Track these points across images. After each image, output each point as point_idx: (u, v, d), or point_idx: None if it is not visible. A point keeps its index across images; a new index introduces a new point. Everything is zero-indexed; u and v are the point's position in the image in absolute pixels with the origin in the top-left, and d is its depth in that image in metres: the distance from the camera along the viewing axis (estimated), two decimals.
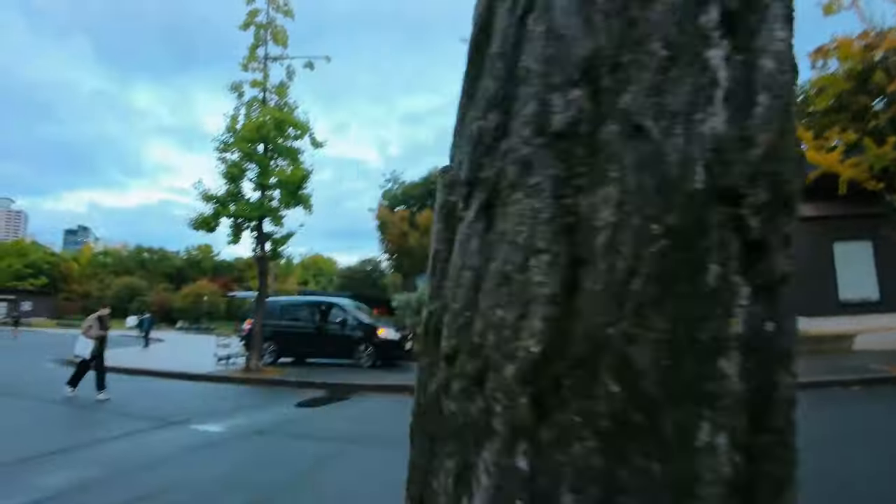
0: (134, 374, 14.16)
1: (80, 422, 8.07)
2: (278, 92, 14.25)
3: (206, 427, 7.39)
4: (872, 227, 17.82)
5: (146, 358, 18.30)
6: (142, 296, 68.01)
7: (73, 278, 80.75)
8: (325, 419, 8.28)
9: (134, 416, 8.15)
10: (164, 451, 6.05)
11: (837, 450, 5.50)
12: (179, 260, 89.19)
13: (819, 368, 11.63)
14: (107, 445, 6.32)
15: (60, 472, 5.18)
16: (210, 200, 13.93)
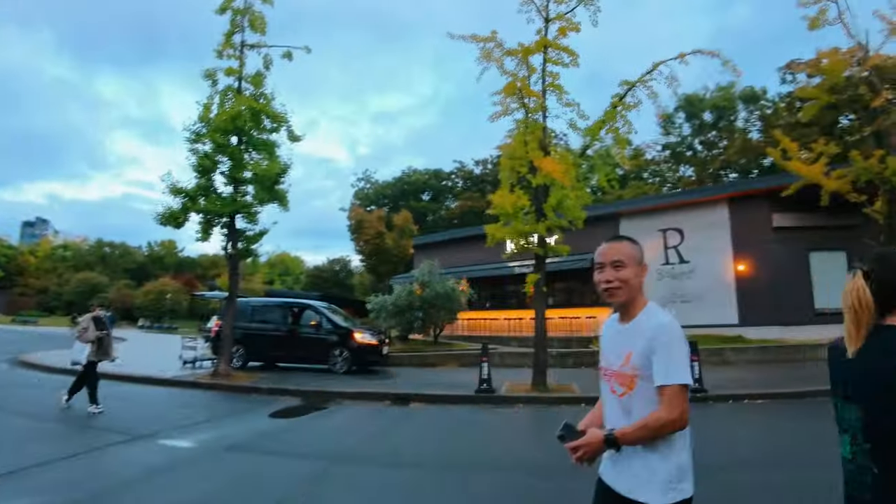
0: None
1: (31, 436, 7.03)
2: (254, 82, 13.50)
3: (174, 442, 6.70)
4: (846, 238, 18.02)
5: None
6: (102, 292, 65.59)
7: (30, 272, 77.28)
8: (302, 432, 7.60)
9: (94, 429, 7.40)
10: (127, 473, 5.35)
11: None
12: (142, 255, 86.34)
13: (800, 378, 11.61)
14: (59, 466, 5.49)
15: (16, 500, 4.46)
16: (179, 194, 13.10)
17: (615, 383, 2.03)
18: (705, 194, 20.45)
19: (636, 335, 1.99)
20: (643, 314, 2.04)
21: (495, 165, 55.44)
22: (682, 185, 47.27)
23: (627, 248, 2.06)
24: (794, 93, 40.50)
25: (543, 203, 11.03)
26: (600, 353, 2.18)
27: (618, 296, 2.02)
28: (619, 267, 2.01)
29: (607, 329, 2.20)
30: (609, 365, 2.09)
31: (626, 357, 1.98)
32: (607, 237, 2.14)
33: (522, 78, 11.12)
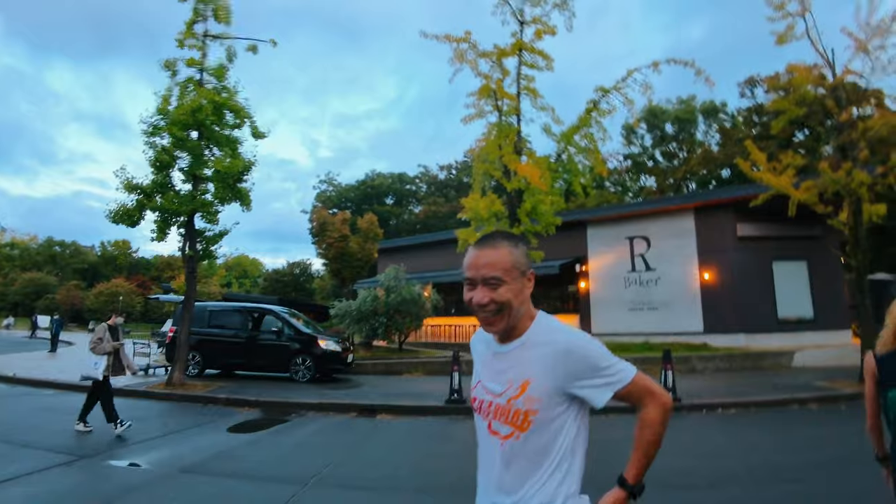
0: (38, 387, 12.40)
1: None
2: (216, 74, 12.86)
3: (123, 463, 6.06)
4: (808, 248, 18.44)
5: (53, 366, 16.26)
6: (50, 293, 62.85)
7: None
8: (265, 450, 6.99)
9: (34, 447, 6.62)
10: (70, 503, 4.73)
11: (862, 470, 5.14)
12: (93, 256, 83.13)
13: (770, 386, 11.69)
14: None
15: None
16: (133, 191, 12.36)
17: (497, 421, 1.57)
18: (672, 203, 20.62)
19: (532, 356, 1.55)
20: (535, 328, 1.59)
21: (460, 171, 55.94)
22: (643, 195, 48.10)
23: (505, 256, 1.54)
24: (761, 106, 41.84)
25: (518, 208, 10.78)
26: (473, 377, 1.71)
27: (496, 325, 1.54)
28: (496, 285, 1.51)
29: (479, 344, 1.75)
30: (488, 395, 1.61)
31: (521, 386, 1.53)
32: (574, 244, 1.76)
33: (497, 80, 10.87)
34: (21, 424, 8.09)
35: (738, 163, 14.58)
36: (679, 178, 46.54)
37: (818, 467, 5.85)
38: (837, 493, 5.01)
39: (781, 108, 13.68)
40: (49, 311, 54.47)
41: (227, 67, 13.14)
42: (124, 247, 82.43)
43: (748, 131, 43.14)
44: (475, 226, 11.44)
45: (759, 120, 43.07)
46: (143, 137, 12.49)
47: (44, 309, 57.45)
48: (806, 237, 18.49)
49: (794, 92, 13.27)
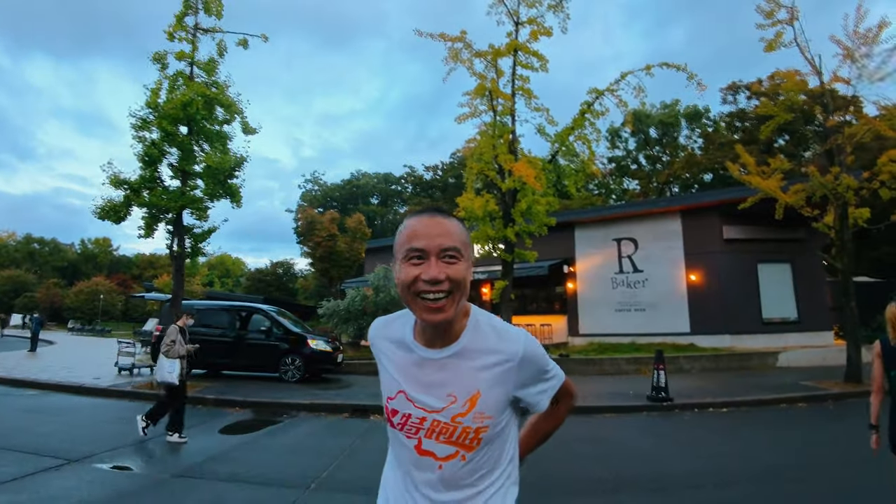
0: (19, 387, 12.07)
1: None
2: (206, 68, 12.66)
3: (113, 467, 5.83)
4: (792, 251, 18.72)
5: (34, 365, 15.89)
6: (29, 291, 61.67)
7: None
8: (260, 452, 6.85)
9: (18, 451, 6.35)
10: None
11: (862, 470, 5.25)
12: (73, 253, 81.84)
13: (758, 386, 11.84)
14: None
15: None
16: (120, 186, 12.13)
17: (432, 440, 1.33)
18: (659, 205, 20.79)
19: (477, 366, 1.32)
20: (474, 330, 1.36)
21: (446, 172, 55.88)
22: (627, 197, 48.51)
23: (460, 229, 1.32)
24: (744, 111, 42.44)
25: (512, 208, 10.76)
26: (384, 385, 1.45)
27: (446, 311, 1.26)
28: (454, 259, 1.27)
29: (385, 342, 1.46)
30: (418, 409, 1.35)
31: (469, 400, 1.30)
32: (562, 245, 1.61)
33: (492, 80, 10.85)
34: (4, 426, 7.78)
35: (727, 166, 14.75)
36: (662, 182, 46.98)
37: (818, 467, 5.90)
38: (841, 492, 5.05)
39: (770, 113, 13.86)
40: (28, 309, 53.53)
41: (218, 62, 12.96)
42: (105, 244, 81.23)
43: (730, 136, 43.72)
44: (469, 225, 11.40)
45: (742, 125, 43.69)
46: (132, 131, 12.27)
47: (22, 307, 56.42)
48: (790, 240, 18.78)
49: (787, 98, 13.44)
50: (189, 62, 12.68)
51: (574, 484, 5.40)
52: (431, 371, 1.34)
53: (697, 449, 7.00)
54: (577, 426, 8.64)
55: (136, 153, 12.22)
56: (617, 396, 11.13)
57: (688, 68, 10.88)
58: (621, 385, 12.92)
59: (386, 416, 1.41)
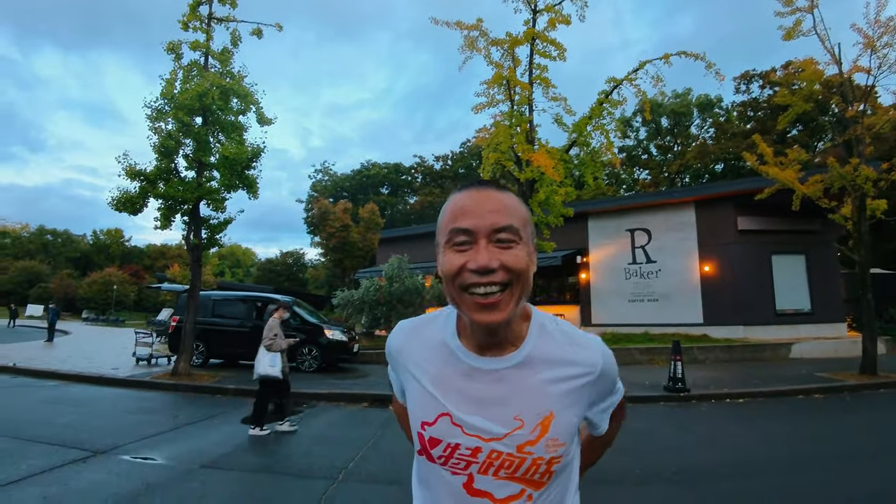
0: (40, 377, 12.19)
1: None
2: (221, 58, 12.64)
3: (140, 458, 5.84)
4: (806, 242, 18.60)
5: (52, 355, 16.07)
6: (43, 282, 62.33)
7: None
8: (285, 443, 6.89)
9: (44, 443, 6.36)
10: (92, 503, 4.49)
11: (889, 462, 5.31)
12: (86, 244, 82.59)
13: (773, 377, 11.81)
14: (6, 496, 4.59)
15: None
16: (136, 177, 12.16)
17: (491, 477, 1.02)
18: (673, 196, 20.67)
19: (547, 379, 1.05)
20: (539, 335, 1.09)
21: (455, 162, 55.78)
22: (638, 188, 48.25)
23: (520, 205, 1.05)
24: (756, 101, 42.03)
25: (530, 198, 10.73)
26: (415, 407, 1.12)
27: (502, 310, 0.98)
28: (510, 242, 0.99)
29: (418, 349, 1.14)
30: (470, 437, 1.03)
31: (541, 424, 1.02)
32: (575, 236, 1.27)
33: (509, 68, 10.78)
34: (27, 418, 7.80)
35: (744, 155, 14.59)
36: (674, 172, 46.69)
37: (843, 458, 5.88)
38: (869, 484, 5.03)
39: (788, 102, 13.70)
40: (42, 299, 54.25)
41: (232, 52, 12.94)
42: (117, 235, 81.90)
43: (743, 126, 43.35)
44: None
45: (755, 115, 43.29)
46: (147, 122, 12.28)
47: (37, 298, 57.13)
48: (805, 231, 18.66)
49: (805, 87, 13.29)
50: (203, 52, 12.66)
51: (600, 474, 5.40)
52: (486, 385, 1.04)
53: (719, 439, 7.00)
54: None
55: (151, 144, 12.23)
56: (633, 387, 11.12)
57: (706, 57, 10.75)
58: (636, 375, 12.91)
59: (420, 447, 1.08)
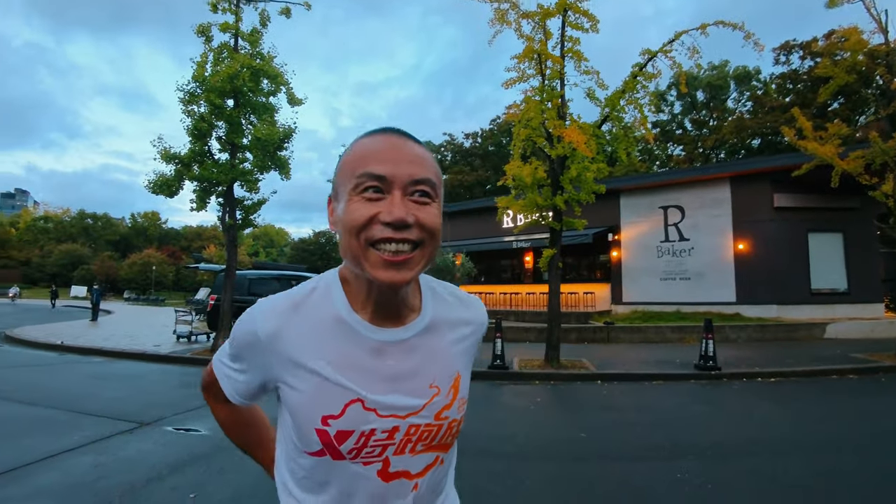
0: (86, 354, 12.72)
1: (28, 426, 6.21)
2: (250, 39, 12.74)
3: (184, 430, 6.08)
4: (844, 220, 18.07)
5: (97, 334, 16.70)
6: (85, 264, 64.56)
7: (12, 244, 75.67)
8: None
9: (93, 415, 6.66)
10: (141, 470, 4.69)
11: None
12: (124, 227, 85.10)
13: (806, 357, 11.64)
14: (63, 463, 4.81)
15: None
16: (172, 160, 12.43)
17: (408, 455, 0.94)
18: (708, 172, 20.22)
19: (450, 340, 1.02)
20: (431, 297, 1.03)
21: (485, 139, 55.30)
22: (672, 164, 47.27)
23: (431, 156, 0.95)
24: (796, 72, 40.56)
25: (561, 175, 10.64)
26: (310, 404, 0.91)
27: (412, 268, 0.87)
28: (427, 198, 0.89)
29: (321, 337, 0.92)
30: (386, 419, 0.91)
31: (453, 387, 0.99)
32: (606, 213, 1.08)
33: (541, 42, 10.60)
34: (77, 392, 8.15)
35: (782, 130, 14.18)
36: (709, 147, 45.56)
37: (878, 438, 5.80)
38: None
39: (829, 74, 13.23)
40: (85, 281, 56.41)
41: (262, 32, 13.02)
42: (154, 218, 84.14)
43: (781, 100, 41.94)
44: (516, 193, 11.34)
45: (794, 87, 41.79)
46: (180, 105, 12.49)
47: (80, 279, 59.37)
48: (843, 209, 18.13)
49: (848, 58, 12.80)
50: (233, 33, 12.75)
51: (633, 450, 5.46)
52: (399, 358, 0.94)
53: (750, 418, 6.95)
54: (626, 394, 8.69)
55: (185, 127, 12.45)
56: (664, 364, 11.09)
57: (745, 27, 10.39)
58: (667, 353, 12.85)
59: (319, 448, 0.91)
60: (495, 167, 49.64)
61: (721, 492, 4.24)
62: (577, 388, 9.28)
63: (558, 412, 7.51)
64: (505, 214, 11.99)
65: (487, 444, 5.66)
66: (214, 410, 1.19)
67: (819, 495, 4.18)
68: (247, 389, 1.01)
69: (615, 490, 4.34)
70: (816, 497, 4.15)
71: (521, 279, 25.34)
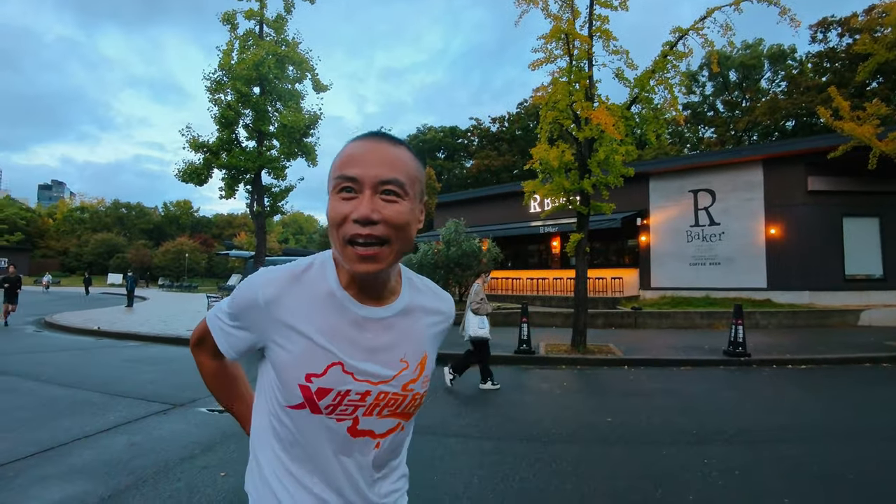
0: (122, 339, 13.06)
1: (67, 407, 6.41)
2: (275, 26, 12.80)
3: (217, 411, 6.20)
4: (881, 204, 17.51)
5: (132, 319, 17.14)
6: (121, 253, 66.31)
7: (50, 234, 78.28)
8: None
9: (128, 396, 6.87)
10: (173, 449, 4.82)
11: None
12: (157, 216, 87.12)
13: (839, 344, 11.38)
14: (99, 442, 4.98)
15: (47, 488, 3.88)
16: (200, 149, 12.63)
17: (375, 417, 1.08)
18: (740, 155, 19.72)
19: (423, 325, 1.16)
20: (410, 287, 1.17)
21: (512, 123, 54.88)
22: (703, 147, 46.28)
23: (409, 160, 1.04)
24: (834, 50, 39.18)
25: (589, 158, 10.50)
26: (297, 361, 1.03)
27: (378, 263, 0.99)
28: (395, 196, 0.99)
29: (313, 305, 1.05)
30: (360, 383, 1.05)
31: (420, 363, 1.14)
32: (635, 197, 1.19)
33: (568, 21, 10.39)
34: (113, 375, 8.36)
35: (818, 110, 13.76)
36: (741, 129, 44.46)
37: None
38: None
39: (869, 51, 12.78)
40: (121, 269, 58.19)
41: (286, 18, 13.08)
42: (185, 207, 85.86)
43: (818, 79, 40.62)
44: (542, 177, 11.23)
45: (831, 66, 40.41)
46: (207, 94, 12.66)
47: (115, 267, 61.20)
48: (880, 192, 17.56)
49: (891, 33, 12.32)
50: (258, 20, 12.84)
51: (659, 435, 5.42)
52: (375, 333, 1.08)
53: (779, 404, 6.82)
54: (654, 378, 8.62)
55: (212, 116, 12.62)
56: (692, 350, 10.96)
57: (780, 2, 10.05)
58: (695, 339, 12.68)
59: (300, 401, 1.03)
60: (522, 151, 49.26)
61: (748, 478, 4.19)
62: (604, 373, 9.23)
63: (585, 397, 7.48)
64: (532, 199, 11.90)
65: (514, 428, 5.69)
66: (203, 364, 1.31)
67: (849, 484, 4.10)
68: (239, 344, 1.12)
69: (641, 474, 4.32)
70: (846, 486, 4.07)
71: (547, 264, 25.19)
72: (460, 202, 29.46)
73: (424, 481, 4.12)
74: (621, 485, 4.10)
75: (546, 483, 4.13)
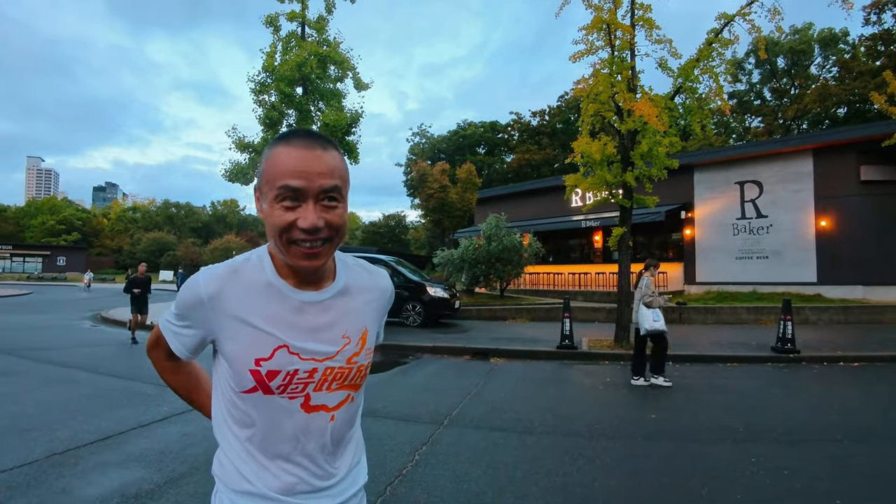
0: None
1: (123, 398, 6.64)
2: (317, 27, 13.04)
3: None
4: None
5: None
6: (171, 250, 68.79)
7: (105, 234, 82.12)
8: (394, 390, 7.35)
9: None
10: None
11: None
12: (206, 215, 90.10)
13: (893, 341, 11.01)
14: (154, 432, 5.25)
15: (106, 474, 4.12)
16: (246, 149, 13.00)
17: (325, 391, 1.17)
18: (788, 144, 19.11)
19: (360, 302, 1.25)
20: (345, 268, 1.25)
21: (553, 117, 54.27)
22: (749, 137, 44.90)
23: (341, 162, 1.13)
24: (889, 32, 37.37)
25: (631, 150, 10.37)
26: (244, 348, 1.12)
27: (321, 258, 1.10)
28: (334, 201, 1.09)
29: (253, 296, 1.13)
30: (307, 361, 1.14)
31: (361, 338, 1.22)
32: (679, 190, 1.20)
33: (610, 10, 10.25)
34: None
35: (871, 96, 13.24)
36: (790, 118, 42.95)
37: None
38: None
39: None
40: (172, 266, 60.69)
41: (327, 19, 13.30)
42: (232, 205, 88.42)
43: (871, 64, 38.86)
44: (584, 170, 11.15)
45: (886, 49, 38.57)
46: (252, 96, 13.01)
47: (167, 265, 63.85)
48: None
49: None
50: (300, 22, 13.09)
51: (705, 432, 5.38)
52: (315, 315, 1.16)
53: (829, 403, 6.63)
54: (699, 375, 8.51)
55: (257, 116, 12.96)
56: (739, 346, 10.74)
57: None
58: (742, 335, 12.41)
59: (252, 385, 1.12)
60: (563, 145, 48.73)
61: (797, 477, 4.12)
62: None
63: (628, 392, 7.44)
64: (573, 193, 11.83)
65: (557, 423, 5.72)
66: (160, 367, 1.39)
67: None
68: (190, 342, 1.21)
69: (687, 471, 4.31)
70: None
71: (590, 259, 24.95)
72: (501, 197, 29.40)
73: (468, 475, 4.19)
74: (666, 482, 4.09)
75: (590, 479, 4.15)
